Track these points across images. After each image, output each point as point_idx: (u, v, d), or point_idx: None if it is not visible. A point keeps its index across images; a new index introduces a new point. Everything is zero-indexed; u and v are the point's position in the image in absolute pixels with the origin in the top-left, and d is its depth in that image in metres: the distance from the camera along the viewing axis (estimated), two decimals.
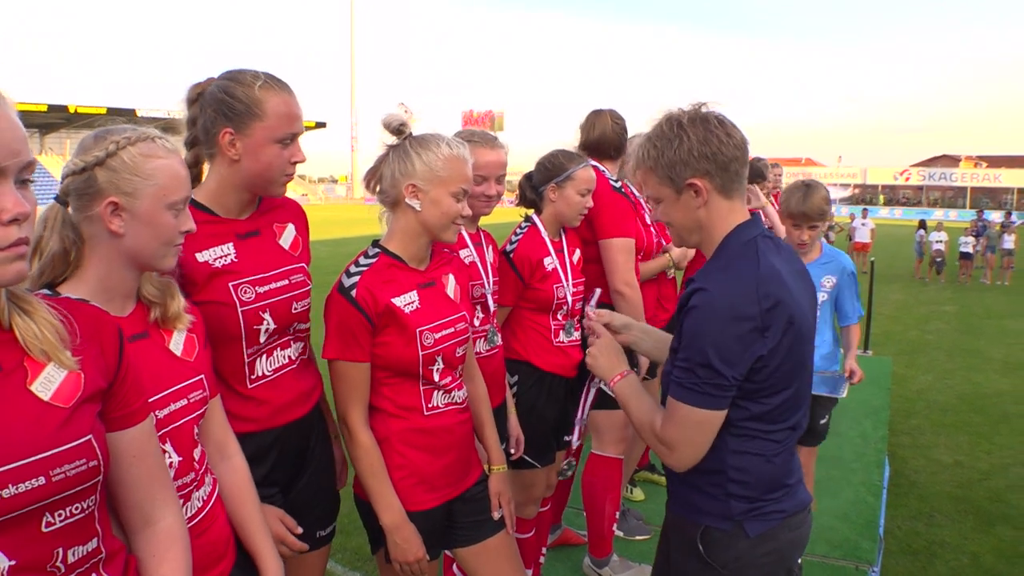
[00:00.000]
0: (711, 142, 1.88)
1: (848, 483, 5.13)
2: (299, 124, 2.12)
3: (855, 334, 4.11)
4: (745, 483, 1.96)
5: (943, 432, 7.20)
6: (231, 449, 1.93)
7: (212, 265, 2.02)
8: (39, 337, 1.25)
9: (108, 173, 1.58)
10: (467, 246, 2.93)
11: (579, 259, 3.42)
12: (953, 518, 5.18)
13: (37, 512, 1.21)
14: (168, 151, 1.66)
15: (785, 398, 1.92)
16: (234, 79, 2.06)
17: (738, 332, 1.80)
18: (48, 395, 1.25)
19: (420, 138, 2.31)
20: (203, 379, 1.78)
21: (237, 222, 2.13)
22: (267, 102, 2.03)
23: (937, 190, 72.26)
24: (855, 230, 23.48)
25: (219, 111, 2.04)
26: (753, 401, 1.89)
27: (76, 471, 1.24)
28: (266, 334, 2.12)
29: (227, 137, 2.04)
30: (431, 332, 2.30)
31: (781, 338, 1.83)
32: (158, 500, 1.50)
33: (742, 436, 1.93)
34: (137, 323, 1.69)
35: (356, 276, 2.26)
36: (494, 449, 2.64)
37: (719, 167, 1.89)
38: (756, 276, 1.84)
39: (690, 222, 1.97)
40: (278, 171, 2.09)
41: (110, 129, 1.64)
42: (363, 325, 2.22)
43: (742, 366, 1.82)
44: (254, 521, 1.91)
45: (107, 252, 1.62)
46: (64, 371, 1.28)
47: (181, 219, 1.68)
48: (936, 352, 11.18)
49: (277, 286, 2.14)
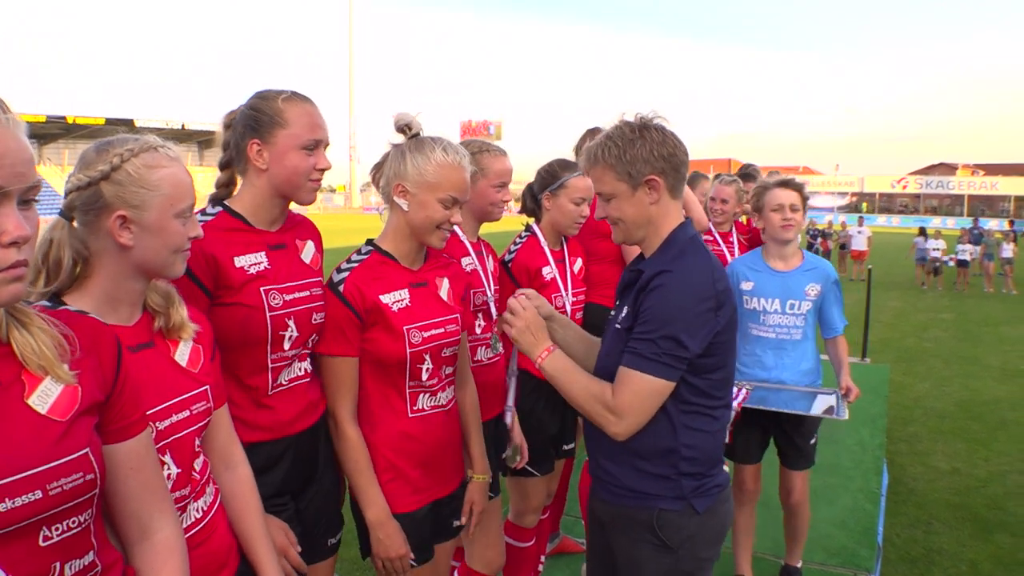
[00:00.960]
0: (668, 145, 2.10)
1: (846, 490, 5.14)
2: (322, 132, 2.20)
3: (843, 346, 3.86)
4: (694, 459, 2.12)
5: (941, 439, 7.21)
6: (236, 458, 1.92)
7: (247, 271, 2.10)
8: (36, 352, 1.25)
9: (114, 187, 1.59)
10: (469, 254, 2.95)
11: (580, 269, 3.43)
12: (951, 525, 5.18)
13: (35, 526, 1.21)
14: (171, 159, 1.67)
15: (724, 375, 2.15)
16: (260, 96, 2.18)
17: (701, 309, 2.02)
18: (45, 408, 1.25)
19: (419, 141, 2.35)
20: (207, 390, 1.77)
21: (268, 233, 2.21)
22: (289, 111, 2.14)
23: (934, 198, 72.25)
24: (851, 238, 23.54)
25: (247, 126, 2.16)
26: (699, 376, 2.08)
27: (73, 484, 1.24)
28: (290, 342, 2.17)
29: (255, 148, 2.15)
30: (419, 331, 2.34)
31: (727, 318, 2.07)
32: (155, 512, 1.50)
33: (691, 413, 2.11)
34: (143, 332, 1.68)
35: (345, 272, 2.33)
36: (478, 458, 2.66)
37: (672, 168, 2.11)
38: (709, 264, 2.10)
39: (641, 218, 2.15)
40: (303, 176, 2.17)
41: (111, 141, 1.65)
42: (351, 320, 2.28)
43: (702, 340, 2.02)
44: (257, 531, 1.90)
45: (115, 264, 1.63)
46: (61, 384, 1.28)
47: (189, 226, 1.69)
48: (934, 359, 11.20)
49: (301, 296, 2.21)
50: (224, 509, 1.85)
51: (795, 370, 3.72)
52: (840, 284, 3.84)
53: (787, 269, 3.72)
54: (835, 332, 3.81)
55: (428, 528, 2.45)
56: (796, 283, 3.69)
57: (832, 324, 3.78)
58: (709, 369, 2.09)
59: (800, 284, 3.69)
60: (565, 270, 3.33)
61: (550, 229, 3.32)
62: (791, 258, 3.74)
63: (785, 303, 3.68)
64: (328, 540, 2.39)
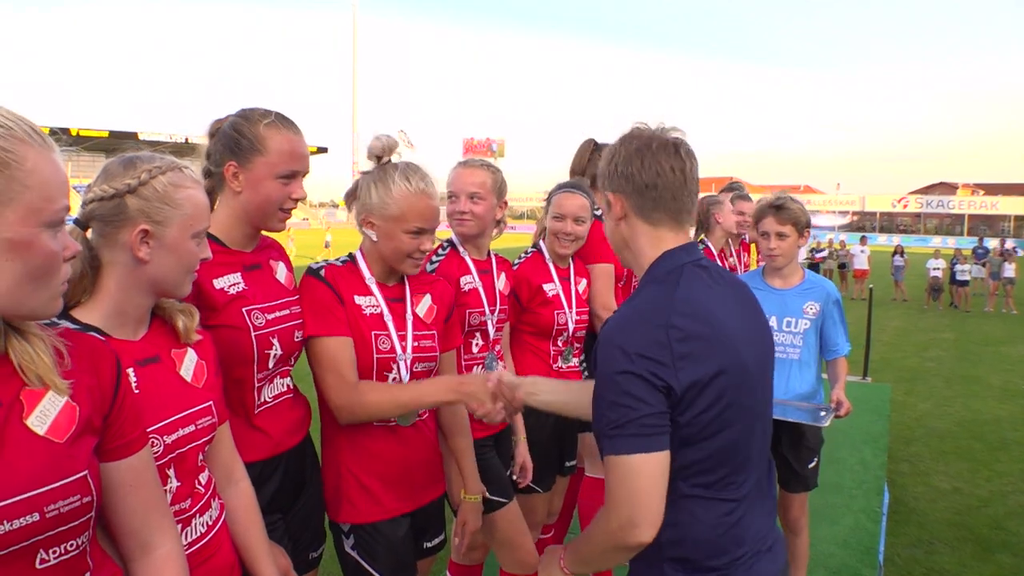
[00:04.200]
0: (632, 163, 1.81)
1: (848, 510, 5.13)
2: (301, 162, 2.18)
3: (843, 366, 3.75)
4: (679, 543, 1.74)
5: (942, 459, 7.20)
6: (238, 474, 1.93)
7: (227, 292, 2.09)
8: (34, 360, 1.25)
9: (140, 201, 1.61)
10: (470, 272, 2.95)
11: (585, 289, 3.46)
12: (953, 545, 5.17)
13: (31, 549, 1.20)
14: (194, 181, 1.71)
15: (721, 445, 1.72)
16: (244, 116, 2.15)
17: (631, 371, 1.62)
18: (44, 429, 1.25)
19: (383, 170, 2.35)
20: (211, 406, 1.78)
21: (243, 254, 2.20)
22: (270, 139, 2.12)
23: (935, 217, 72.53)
24: (853, 257, 23.61)
25: (226, 146, 2.14)
26: (687, 448, 1.69)
27: (70, 507, 1.24)
28: (274, 359, 2.17)
29: (231, 170, 2.13)
30: (387, 338, 2.34)
31: (698, 376, 1.64)
32: (155, 528, 1.49)
33: (679, 489, 1.72)
34: (149, 347, 1.69)
35: (323, 266, 2.39)
36: (470, 478, 2.64)
37: (635, 189, 1.82)
38: (667, 304, 1.70)
39: (614, 237, 1.93)
40: (275, 205, 2.16)
41: (139, 156, 1.67)
42: (335, 300, 2.30)
43: (652, 398, 1.63)
44: (259, 546, 1.91)
45: (126, 277, 1.64)
46: (60, 403, 1.28)
47: (201, 247, 1.72)
48: (935, 379, 11.19)
49: (282, 314, 2.21)
50: (227, 526, 1.86)
51: (790, 393, 3.64)
52: (842, 304, 3.79)
53: (785, 287, 3.70)
54: (837, 353, 3.72)
55: (407, 543, 2.45)
56: (793, 301, 3.67)
57: (834, 345, 3.70)
58: (694, 439, 1.69)
59: (798, 302, 3.66)
60: (570, 288, 3.36)
61: (549, 247, 3.37)
62: (790, 276, 3.72)
63: (781, 320, 3.66)
64: (310, 553, 2.40)
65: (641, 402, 1.62)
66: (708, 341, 1.68)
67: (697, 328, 1.68)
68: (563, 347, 3.34)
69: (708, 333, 1.69)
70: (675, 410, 1.65)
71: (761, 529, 1.84)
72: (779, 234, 3.58)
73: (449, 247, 2.99)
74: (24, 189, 1.15)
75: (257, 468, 2.11)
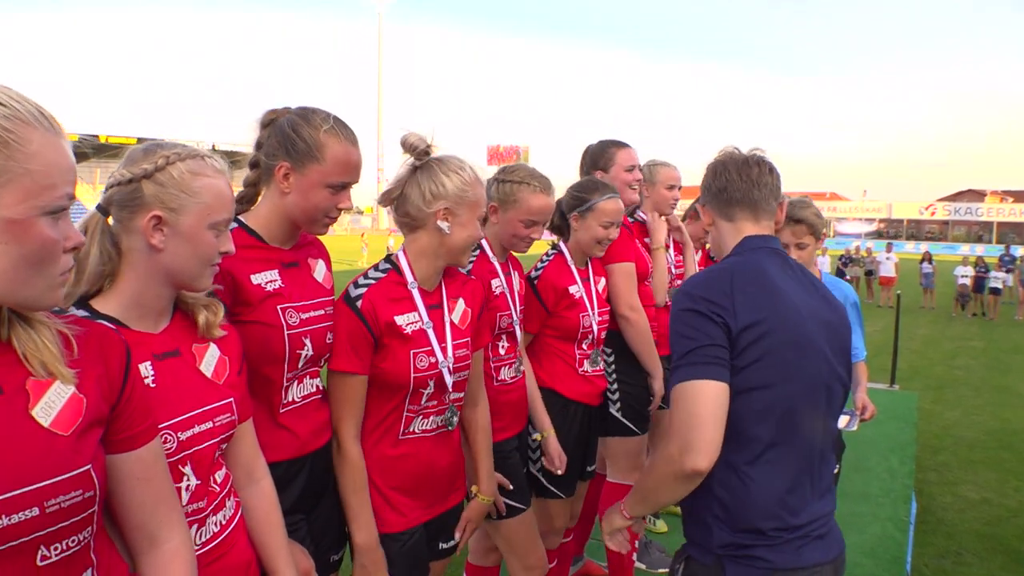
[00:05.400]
0: (708, 178, 2.19)
1: (875, 518, 5.05)
2: (355, 174, 2.15)
3: (863, 370, 3.77)
4: (729, 506, 1.81)
5: (971, 469, 7.10)
6: (259, 472, 1.89)
7: (264, 288, 2.06)
8: (39, 349, 1.23)
9: (155, 187, 1.58)
10: (498, 275, 2.93)
11: (604, 288, 3.43)
12: (982, 556, 5.10)
13: (31, 544, 1.17)
14: (216, 171, 1.66)
15: (767, 403, 1.81)
16: (305, 118, 2.10)
17: (696, 309, 1.86)
18: (48, 421, 1.21)
19: (446, 160, 2.34)
20: (232, 403, 1.73)
21: (282, 251, 2.17)
22: (329, 148, 2.07)
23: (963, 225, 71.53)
24: (880, 264, 23.36)
25: (282, 144, 2.09)
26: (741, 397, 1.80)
27: (72, 502, 1.20)
28: (304, 359, 2.14)
29: (283, 170, 2.09)
30: (426, 355, 2.32)
31: (752, 321, 1.82)
32: (163, 522, 1.46)
33: (736, 446, 1.80)
34: (170, 340, 1.66)
35: (363, 288, 2.31)
36: (484, 479, 2.63)
37: (712, 196, 2.16)
38: (730, 270, 1.94)
39: (712, 242, 2.24)
40: (322, 212, 2.13)
41: (160, 143, 1.64)
42: (363, 336, 2.26)
43: (712, 331, 1.82)
44: (278, 546, 1.87)
45: (144, 267, 1.61)
46: (66, 394, 1.24)
47: (221, 240, 1.67)
48: (963, 388, 11.06)
49: (316, 315, 2.18)
50: (244, 524, 1.82)
51: None
52: (860, 308, 3.76)
53: None
54: (856, 358, 3.69)
55: (421, 549, 2.44)
56: None
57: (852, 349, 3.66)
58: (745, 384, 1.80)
59: None
60: (591, 288, 3.32)
61: (576, 248, 3.32)
62: None
63: None
64: (331, 556, 2.37)
65: (702, 333, 1.81)
66: (768, 298, 1.88)
67: (758, 286, 1.90)
68: (589, 350, 3.31)
69: (769, 293, 1.89)
70: (734, 349, 1.81)
71: (814, 512, 1.88)
72: (798, 245, 3.54)
73: (477, 250, 2.96)
74: (24, 172, 1.12)
75: (282, 468, 2.09)
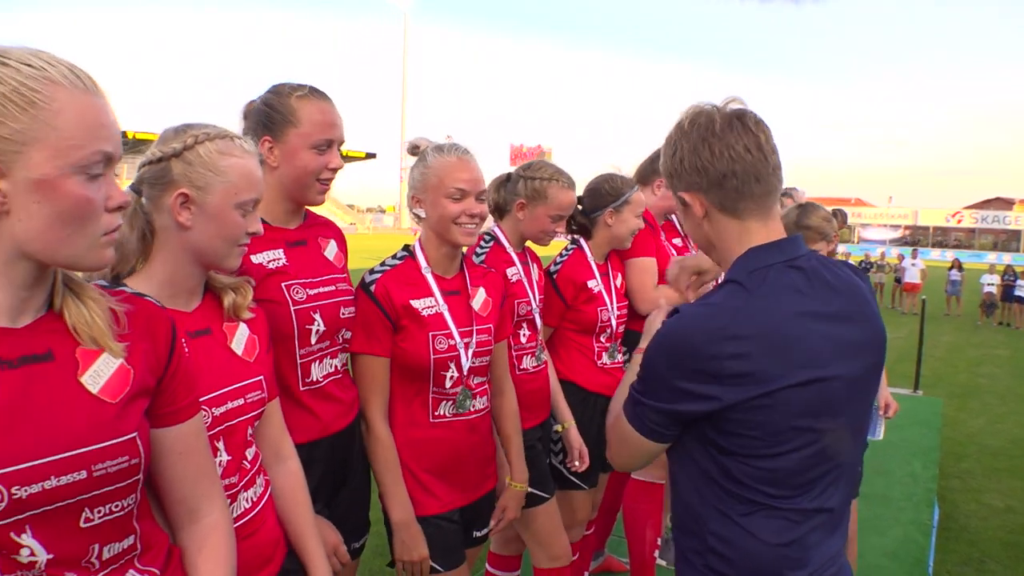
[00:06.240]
0: (701, 154, 1.59)
1: (897, 522, 5.02)
2: (335, 131, 2.18)
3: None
4: (727, 558, 1.58)
5: (995, 476, 7.03)
6: (286, 452, 1.93)
7: (266, 267, 2.10)
8: (89, 323, 1.25)
9: (183, 165, 1.62)
10: (514, 264, 3.00)
11: (622, 283, 3.45)
12: (1005, 564, 5.06)
13: (77, 506, 1.21)
14: (245, 151, 1.70)
15: (778, 467, 1.53)
16: (274, 91, 2.17)
17: (686, 371, 1.50)
18: (97, 388, 1.25)
19: (422, 153, 2.44)
20: (262, 380, 1.78)
21: (286, 231, 2.21)
22: (301, 110, 2.12)
23: (990, 233, 70.65)
24: (905, 271, 23.16)
25: (259, 121, 2.15)
26: (730, 458, 1.54)
27: (117, 468, 1.24)
28: (317, 335, 2.17)
29: (266, 145, 2.13)
30: (445, 338, 2.37)
31: (752, 395, 1.47)
32: (204, 496, 1.50)
33: (727, 498, 1.56)
34: (200, 319, 1.71)
35: (378, 274, 2.40)
36: (516, 466, 2.69)
37: (711, 183, 1.60)
38: (735, 312, 1.51)
39: (699, 238, 1.72)
40: (312, 175, 2.16)
41: (192, 124, 1.68)
42: (380, 319, 2.32)
43: (682, 410, 1.54)
44: (306, 524, 1.91)
45: (175, 246, 1.66)
46: (114, 364, 1.28)
47: (249, 220, 1.71)
48: (988, 396, 10.95)
49: (326, 290, 2.21)
50: (273, 502, 1.86)
51: None
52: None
53: None
54: None
55: (457, 534, 2.48)
56: None
57: None
58: (744, 453, 1.52)
59: None
60: (609, 283, 3.35)
61: (604, 244, 3.35)
62: None
63: None
64: (352, 544, 2.37)
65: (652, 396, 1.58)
66: (771, 358, 1.48)
67: (759, 345, 1.48)
68: (607, 343, 3.33)
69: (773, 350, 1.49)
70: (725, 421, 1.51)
71: (828, 551, 1.63)
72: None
73: (492, 240, 3.03)
74: (50, 130, 1.13)
75: (305, 450, 2.11)
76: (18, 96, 1.11)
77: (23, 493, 1.13)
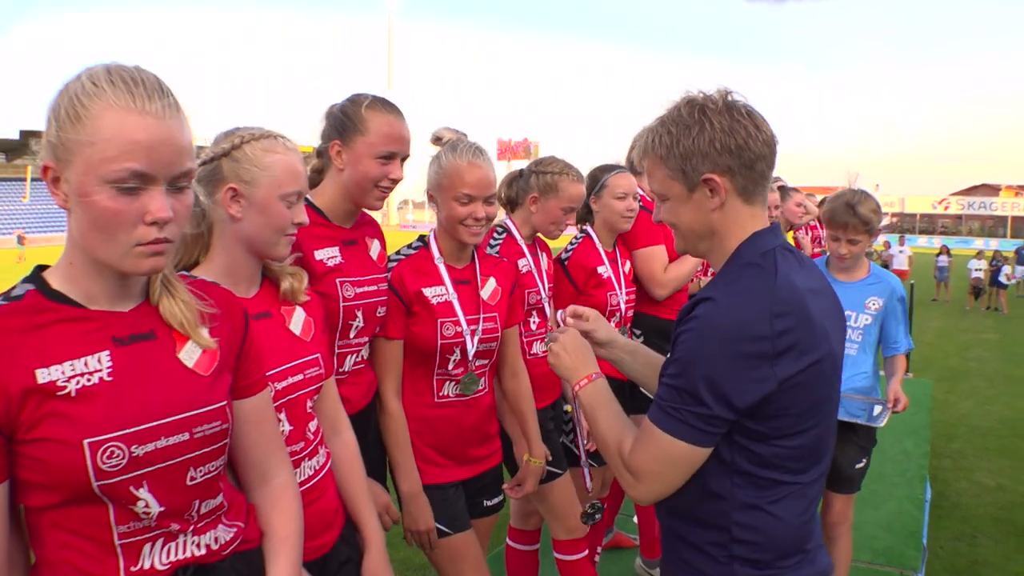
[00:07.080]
0: (737, 133, 1.57)
1: (891, 496, 5.17)
2: (400, 144, 2.30)
3: (901, 363, 3.63)
4: (754, 544, 1.61)
5: (985, 456, 7.20)
6: (342, 425, 2.12)
7: (326, 263, 2.26)
8: (180, 320, 1.42)
9: (232, 163, 1.80)
10: (525, 255, 3.15)
11: (630, 269, 3.57)
12: (996, 539, 5.21)
13: (184, 465, 1.38)
14: (287, 148, 1.85)
15: (801, 443, 1.59)
16: (351, 99, 2.32)
17: (740, 358, 1.49)
18: (192, 363, 1.43)
19: (438, 152, 2.57)
20: (319, 358, 1.95)
21: (343, 230, 2.38)
22: (371, 120, 2.26)
23: (977, 219, 71.05)
24: (893, 257, 23.36)
25: (333, 126, 2.31)
26: (762, 443, 1.57)
27: (213, 431, 1.42)
28: (356, 331, 2.34)
29: (335, 148, 2.29)
30: (453, 324, 2.53)
31: (796, 370, 1.51)
32: (273, 460, 1.66)
33: (753, 487, 1.60)
34: (261, 304, 1.87)
35: (394, 262, 2.56)
36: (533, 441, 2.85)
37: (743, 165, 1.59)
38: (771, 292, 1.53)
39: (700, 226, 1.67)
40: (372, 183, 2.28)
41: (240, 127, 1.86)
42: (396, 305, 2.48)
43: (739, 401, 1.51)
44: (361, 493, 2.09)
45: (230, 237, 1.83)
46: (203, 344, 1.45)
47: (295, 211, 1.85)
48: (977, 378, 11.14)
49: (370, 290, 2.38)
50: (332, 473, 2.02)
51: (846, 387, 3.43)
52: (906, 300, 3.67)
53: (850, 281, 3.60)
54: (896, 351, 3.62)
55: (460, 502, 2.64)
56: (856, 295, 3.57)
57: (894, 341, 3.60)
58: (776, 435, 1.56)
59: (860, 297, 3.57)
60: (618, 269, 3.49)
61: (603, 229, 3.49)
62: (855, 270, 3.62)
63: None
64: None
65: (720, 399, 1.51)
66: (806, 331, 1.53)
67: (799, 318, 1.52)
68: (616, 327, 3.42)
69: (806, 324, 1.53)
70: (763, 408, 1.52)
71: (817, 520, 1.75)
72: (851, 240, 3.49)
73: (505, 232, 3.18)
74: (88, 144, 1.23)
75: None
76: (72, 109, 1.25)
77: (140, 451, 1.31)
